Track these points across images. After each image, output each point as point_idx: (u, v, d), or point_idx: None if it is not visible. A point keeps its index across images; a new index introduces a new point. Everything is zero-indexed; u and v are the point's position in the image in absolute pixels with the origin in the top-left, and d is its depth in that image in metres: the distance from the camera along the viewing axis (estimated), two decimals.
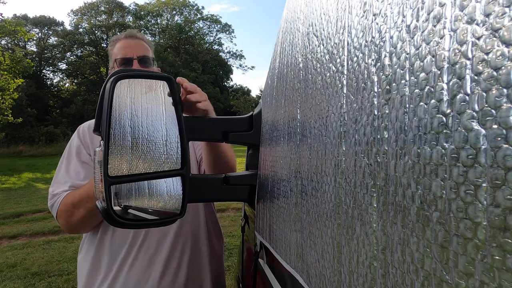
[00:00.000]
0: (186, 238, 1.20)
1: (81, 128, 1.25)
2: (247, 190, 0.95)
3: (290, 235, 0.62)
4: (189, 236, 1.21)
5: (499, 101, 0.21)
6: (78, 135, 1.23)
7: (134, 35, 1.29)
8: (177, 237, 1.18)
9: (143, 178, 0.77)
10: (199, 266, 1.23)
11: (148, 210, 0.80)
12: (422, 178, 0.27)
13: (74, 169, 1.17)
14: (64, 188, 1.13)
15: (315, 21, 0.55)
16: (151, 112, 0.78)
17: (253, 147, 1.06)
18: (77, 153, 1.19)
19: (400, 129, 0.31)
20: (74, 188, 1.12)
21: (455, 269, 0.24)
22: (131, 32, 1.30)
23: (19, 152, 19.60)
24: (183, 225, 1.20)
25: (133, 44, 1.27)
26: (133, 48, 1.25)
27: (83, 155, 1.19)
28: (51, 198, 1.14)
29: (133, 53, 1.24)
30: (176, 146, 0.80)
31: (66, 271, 3.81)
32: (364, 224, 0.36)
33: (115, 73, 0.72)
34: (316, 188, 0.50)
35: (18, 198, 8.11)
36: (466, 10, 0.24)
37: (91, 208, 1.03)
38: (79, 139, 1.22)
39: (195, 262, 1.22)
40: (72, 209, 1.08)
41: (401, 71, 0.31)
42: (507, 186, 0.20)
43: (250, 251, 1.08)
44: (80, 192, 1.07)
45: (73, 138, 1.24)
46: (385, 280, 0.32)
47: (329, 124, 0.47)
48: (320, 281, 0.47)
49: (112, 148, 0.71)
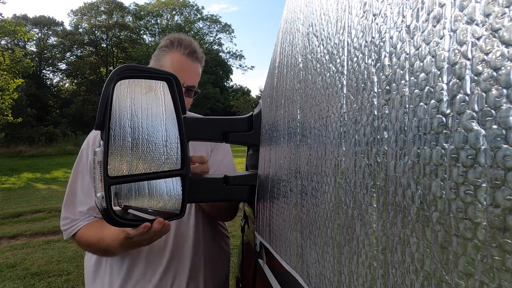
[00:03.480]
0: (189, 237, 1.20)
1: (92, 138, 1.15)
2: (247, 190, 0.95)
3: (290, 235, 0.62)
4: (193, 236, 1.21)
5: (499, 101, 0.21)
6: (87, 147, 1.14)
7: (195, 54, 1.18)
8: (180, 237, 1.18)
9: (143, 178, 0.77)
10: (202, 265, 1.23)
11: (148, 210, 0.80)
12: (422, 178, 0.27)
13: (89, 188, 1.10)
14: (83, 211, 1.08)
15: (315, 21, 0.55)
16: (151, 113, 0.78)
17: (253, 147, 1.06)
18: (89, 168, 1.11)
19: (400, 129, 0.31)
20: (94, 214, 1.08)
21: (455, 269, 0.24)
22: (194, 49, 1.17)
23: (19, 152, 19.59)
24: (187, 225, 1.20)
25: (189, 69, 1.17)
26: (188, 74, 1.15)
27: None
28: (68, 224, 1.08)
29: (185, 80, 1.14)
30: (176, 146, 0.80)
31: (66, 271, 3.81)
32: (364, 224, 0.36)
33: (115, 73, 0.72)
34: (316, 188, 0.50)
35: (18, 198, 8.10)
36: (466, 10, 0.24)
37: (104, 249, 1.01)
38: (88, 152, 1.12)
39: (198, 262, 1.21)
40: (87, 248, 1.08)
41: (401, 71, 0.31)
42: (507, 186, 0.20)
43: (250, 251, 1.08)
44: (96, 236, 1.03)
45: (83, 150, 1.14)
46: (385, 280, 0.32)
47: (329, 125, 0.47)
48: (320, 281, 0.47)
49: (112, 148, 0.71)
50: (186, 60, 1.16)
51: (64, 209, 1.11)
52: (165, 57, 1.16)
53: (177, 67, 1.13)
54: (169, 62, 1.15)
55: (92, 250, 1.09)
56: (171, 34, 1.23)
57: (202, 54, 1.22)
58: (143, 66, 0.80)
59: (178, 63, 1.14)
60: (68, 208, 1.10)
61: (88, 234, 1.05)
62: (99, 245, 1.02)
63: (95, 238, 1.02)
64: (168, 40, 1.18)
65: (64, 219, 1.10)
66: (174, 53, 1.16)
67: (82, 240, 1.06)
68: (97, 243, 1.02)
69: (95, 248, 1.05)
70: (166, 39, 1.20)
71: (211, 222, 1.26)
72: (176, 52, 1.15)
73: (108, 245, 0.98)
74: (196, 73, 1.20)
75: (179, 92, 0.81)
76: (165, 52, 1.17)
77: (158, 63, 1.17)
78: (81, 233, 1.07)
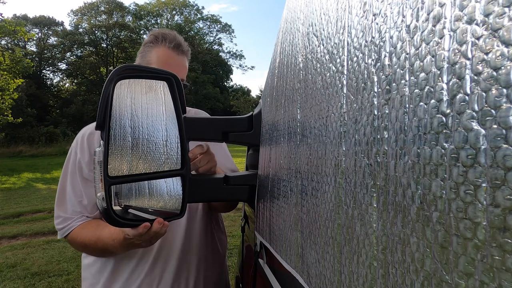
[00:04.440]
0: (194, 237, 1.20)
1: (80, 137, 1.14)
2: (247, 190, 0.95)
3: (290, 235, 0.62)
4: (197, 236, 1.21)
5: (499, 101, 0.21)
6: (76, 145, 1.13)
7: (180, 47, 1.17)
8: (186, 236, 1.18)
9: (143, 178, 0.77)
10: (205, 266, 1.23)
11: (148, 210, 0.80)
12: (422, 178, 0.27)
13: (79, 188, 1.10)
14: (75, 210, 1.08)
15: (315, 21, 0.55)
16: (151, 112, 0.78)
17: (253, 147, 1.06)
18: (79, 168, 1.10)
19: (400, 129, 0.31)
20: (86, 213, 1.08)
21: (455, 269, 0.24)
22: (179, 42, 1.17)
23: (19, 152, 19.59)
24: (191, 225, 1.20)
25: (175, 63, 1.15)
26: (174, 67, 1.12)
27: (83, 171, 1.10)
28: (61, 222, 1.08)
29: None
30: (176, 146, 0.80)
31: (66, 271, 3.81)
32: (364, 224, 0.36)
33: (115, 73, 0.72)
34: (316, 188, 0.50)
35: (18, 198, 8.10)
36: (466, 10, 0.24)
37: (102, 249, 1.01)
38: (77, 151, 1.12)
39: (201, 262, 1.22)
40: (83, 249, 1.08)
41: (401, 71, 0.31)
42: (507, 186, 0.20)
43: (250, 251, 1.08)
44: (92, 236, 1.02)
45: (72, 148, 1.14)
46: (385, 280, 0.32)
47: (329, 124, 0.47)
48: (320, 281, 0.47)
49: (112, 148, 0.71)
50: (172, 54, 1.15)
51: (56, 208, 1.11)
52: (151, 53, 1.15)
53: (163, 61, 1.13)
54: (155, 57, 1.13)
55: (89, 250, 1.07)
56: (155, 30, 1.21)
57: (187, 47, 1.21)
58: (143, 66, 0.80)
59: (164, 58, 1.13)
60: (60, 207, 1.10)
61: (84, 235, 1.04)
62: (96, 245, 1.00)
63: (92, 238, 1.01)
64: (152, 36, 1.17)
65: (57, 218, 1.10)
66: (159, 48, 1.14)
67: (78, 241, 1.05)
68: (94, 244, 1.01)
69: (92, 248, 1.04)
70: (150, 35, 1.19)
71: (205, 218, 1.26)
72: (161, 47, 1.14)
73: (106, 245, 0.97)
74: (183, 66, 1.19)
75: (179, 92, 0.81)
76: (150, 48, 1.15)
77: (144, 60, 1.16)
78: (75, 234, 1.06)
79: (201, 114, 1.32)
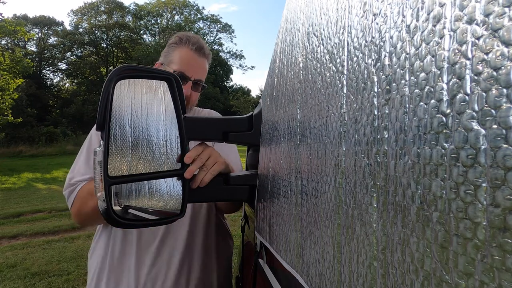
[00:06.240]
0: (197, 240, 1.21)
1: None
2: (247, 190, 0.95)
3: (290, 235, 0.62)
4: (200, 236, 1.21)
5: (499, 101, 0.21)
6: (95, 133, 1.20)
7: (202, 50, 1.23)
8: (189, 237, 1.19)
9: (143, 178, 0.77)
10: (208, 266, 1.23)
11: (148, 210, 0.80)
12: (422, 178, 0.27)
13: (91, 163, 1.14)
14: (84, 178, 1.12)
15: (315, 21, 0.55)
16: (151, 112, 0.78)
17: (253, 147, 1.06)
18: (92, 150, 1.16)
19: (400, 129, 0.31)
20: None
21: (455, 269, 0.24)
22: (201, 45, 1.23)
23: (19, 152, 19.59)
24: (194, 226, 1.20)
25: (196, 64, 1.22)
26: (195, 68, 1.20)
27: None
28: (69, 186, 1.12)
29: (193, 74, 1.20)
30: (176, 146, 0.80)
31: (66, 271, 3.81)
32: (364, 224, 0.36)
33: (115, 73, 0.72)
34: (316, 188, 0.50)
35: (18, 198, 8.10)
36: (466, 10, 0.24)
37: None
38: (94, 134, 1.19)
39: (205, 263, 1.22)
40: (88, 196, 1.07)
41: (401, 71, 0.31)
42: (507, 186, 0.20)
43: (250, 251, 1.08)
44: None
45: (92, 130, 1.21)
46: (385, 280, 0.32)
47: (329, 124, 0.47)
48: (320, 281, 0.47)
49: (112, 148, 0.71)
50: (194, 55, 1.21)
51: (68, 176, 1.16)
52: (174, 53, 1.21)
53: (185, 61, 1.19)
54: (178, 57, 1.20)
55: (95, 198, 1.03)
56: (180, 32, 1.28)
57: (209, 51, 1.27)
58: (143, 66, 0.80)
59: (186, 58, 1.20)
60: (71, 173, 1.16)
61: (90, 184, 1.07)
62: None
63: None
64: (177, 37, 1.24)
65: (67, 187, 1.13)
66: (182, 49, 1.21)
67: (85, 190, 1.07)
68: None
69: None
70: (175, 37, 1.26)
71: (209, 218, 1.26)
72: (184, 48, 1.21)
73: None
74: (203, 68, 1.24)
75: (179, 92, 0.81)
76: (174, 48, 1.22)
77: (167, 59, 1.22)
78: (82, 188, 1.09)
79: (214, 115, 1.37)
